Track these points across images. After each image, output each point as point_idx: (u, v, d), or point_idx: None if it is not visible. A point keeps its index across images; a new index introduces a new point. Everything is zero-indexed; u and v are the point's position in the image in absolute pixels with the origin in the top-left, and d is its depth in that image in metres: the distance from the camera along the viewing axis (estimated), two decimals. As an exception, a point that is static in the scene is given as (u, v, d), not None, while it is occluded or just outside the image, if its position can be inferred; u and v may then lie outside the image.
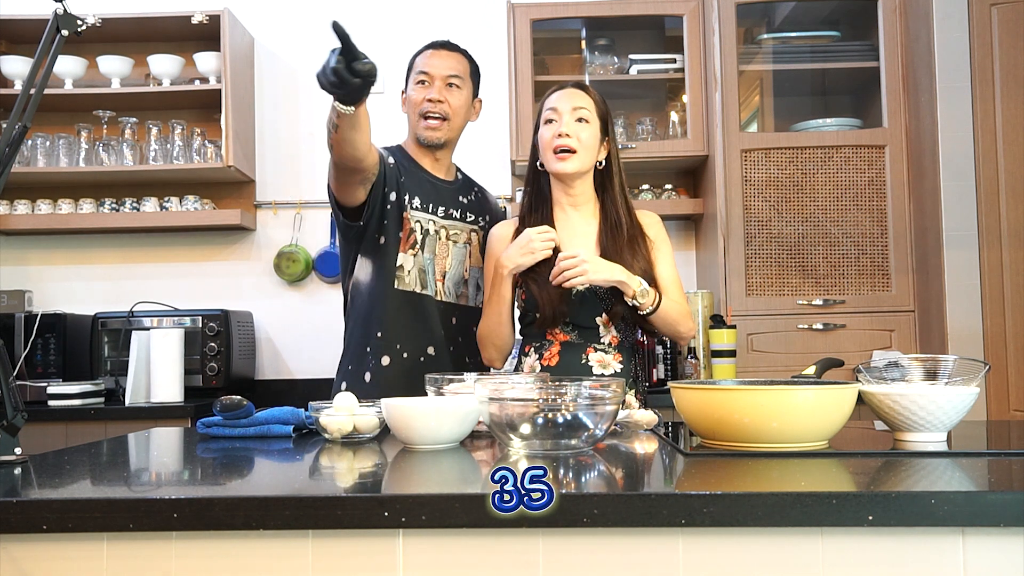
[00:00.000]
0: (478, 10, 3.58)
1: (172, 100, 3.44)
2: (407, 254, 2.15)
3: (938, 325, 2.91)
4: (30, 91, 1.42)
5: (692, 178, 3.51)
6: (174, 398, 3.02)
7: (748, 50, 3.29)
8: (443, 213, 2.22)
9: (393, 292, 2.13)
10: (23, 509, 1.04)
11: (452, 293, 2.21)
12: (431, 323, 2.16)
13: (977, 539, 1.01)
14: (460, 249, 2.24)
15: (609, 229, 2.05)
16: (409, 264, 2.15)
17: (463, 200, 2.29)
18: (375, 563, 1.04)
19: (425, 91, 2.19)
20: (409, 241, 2.15)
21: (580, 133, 1.99)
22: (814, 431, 1.33)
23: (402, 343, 2.14)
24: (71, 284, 3.58)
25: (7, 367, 1.34)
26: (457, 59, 2.24)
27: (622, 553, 1.03)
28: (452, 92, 2.20)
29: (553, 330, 2.03)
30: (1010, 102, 2.85)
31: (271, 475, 1.33)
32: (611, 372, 2.02)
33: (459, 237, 2.24)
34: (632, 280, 1.93)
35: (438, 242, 2.20)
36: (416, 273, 2.15)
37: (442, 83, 2.19)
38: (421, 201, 2.19)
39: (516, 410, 1.31)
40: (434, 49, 2.24)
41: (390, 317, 2.14)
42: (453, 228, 2.23)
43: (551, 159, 2.01)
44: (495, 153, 3.47)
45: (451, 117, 2.20)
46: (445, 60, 2.22)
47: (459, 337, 2.22)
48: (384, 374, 2.12)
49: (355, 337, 2.19)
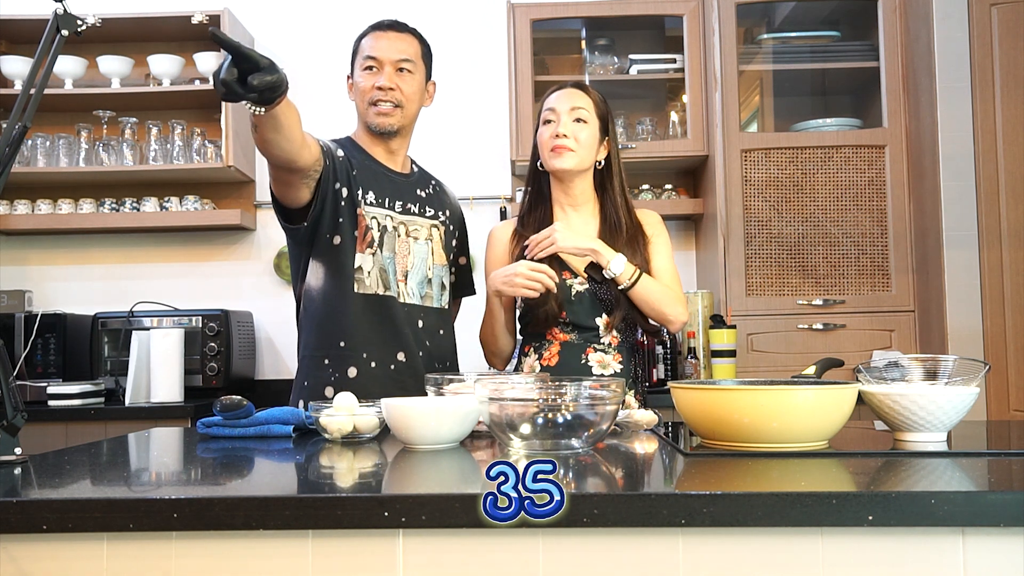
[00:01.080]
0: (478, 10, 3.58)
1: (172, 100, 3.44)
2: (365, 254, 1.97)
3: (938, 325, 2.91)
4: (30, 91, 1.42)
5: (692, 178, 3.51)
6: (174, 398, 3.02)
7: (748, 50, 3.29)
8: (400, 208, 2.06)
9: (353, 296, 1.96)
10: (23, 509, 1.04)
11: (416, 294, 2.04)
12: (398, 327, 1.99)
13: (977, 539, 1.01)
14: (422, 246, 2.07)
15: (608, 229, 2.05)
16: (368, 264, 1.97)
17: (421, 194, 2.12)
18: (375, 563, 1.04)
19: (374, 77, 2.01)
20: (366, 240, 1.98)
21: (578, 133, 2.00)
22: (814, 431, 1.33)
23: (369, 351, 1.97)
24: (71, 284, 3.58)
25: (7, 367, 1.34)
26: (407, 40, 2.05)
27: (622, 553, 1.03)
28: (404, 77, 2.02)
29: (553, 330, 2.03)
30: (1010, 102, 2.85)
31: (271, 475, 1.33)
32: (611, 372, 2.02)
33: (420, 233, 2.07)
34: (606, 251, 1.97)
35: (397, 239, 2.03)
36: (377, 273, 1.98)
37: (392, 68, 2.01)
38: (376, 196, 2.02)
39: (516, 410, 1.31)
40: (380, 30, 2.05)
41: (352, 324, 1.96)
42: (413, 224, 2.06)
43: (548, 156, 2.02)
44: (495, 153, 3.47)
45: (404, 104, 2.03)
46: (394, 43, 2.03)
47: (427, 341, 2.06)
48: (351, 386, 1.91)
49: (309, 349, 2.01)
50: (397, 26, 2.08)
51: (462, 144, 3.54)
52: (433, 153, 3.48)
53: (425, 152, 3.42)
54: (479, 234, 3.54)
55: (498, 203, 3.48)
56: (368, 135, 2.08)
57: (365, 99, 2.03)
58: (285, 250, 3.51)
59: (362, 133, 2.10)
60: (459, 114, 3.53)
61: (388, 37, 2.04)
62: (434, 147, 3.48)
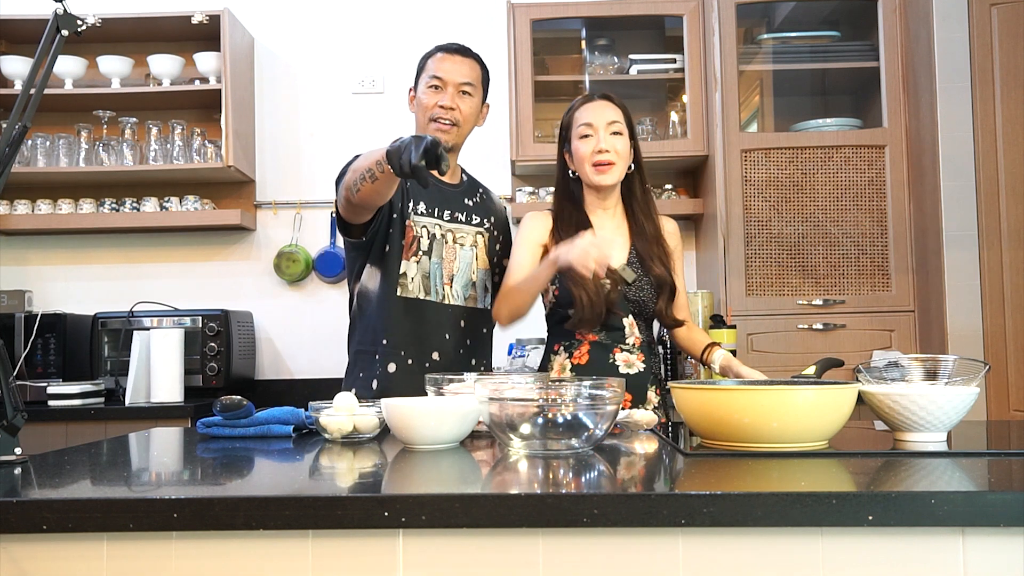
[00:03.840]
0: (478, 10, 3.58)
1: (172, 100, 3.44)
2: (410, 261, 2.14)
3: (938, 325, 2.91)
4: (30, 91, 1.42)
5: (692, 178, 3.51)
6: (174, 398, 3.02)
7: (748, 50, 3.29)
8: (449, 217, 2.21)
9: (396, 299, 2.13)
10: (23, 509, 1.04)
11: (461, 296, 2.20)
12: (435, 328, 2.15)
13: (977, 539, 1.01)
14: (467, 252, 2.22)
15: (638, 231, 2.17)
16: (412, 271, 2.14)
17: (468, 203, 2.28)
18: (375, 563, 1.04)
19: (437, 96, 2.17)
20: (412, 248, 2.15)
21: (616, 146, 2.09)
22: (814, 431, 1.33)
23: (406, 349, 2.13)
24: (71, 284, 3.58)
25: (7, 367, 1.34)
26: (471, 66, 2.21)
27: (622, 553, 1.03)
28: (464, 99, 2.18)
29: (582, 330, 2.08)
30: (1010, 102, 2.85)
31: (271, 475, 1.33)
32: (635, 371, 2.09)
33: (465, 240, 2.23)
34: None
35: (444, 246, 2.19)
36: (420, 279, 2.15)
37: (455, 90, 2.17)
38: (426, 206, 2.18)
39: (516, 410, 1.31)
40: (448, 53, 2.21)
41: (394, 324, 2.13)
42: (459, 231, 2.22)
43: (591, 172, 2.10)
44: (495, 153, 3.47)
45: (461, 124, 2.19)
46: (459, 66, 2.19)
47: (467, 340, 2.22)
48: (390, 380, 2.11)
49: (365, 344, 2.18)
50: (463, 51, 2.23)
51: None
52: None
53: (425, 152, 3.43)
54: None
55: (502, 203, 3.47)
56: None
57: (427, 114, 2.18)
58: (285, 250, 3.52)
59: None
60: (459, 114, 3.53)
61: (454, 60, 2.20)
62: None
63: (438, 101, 2.16)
